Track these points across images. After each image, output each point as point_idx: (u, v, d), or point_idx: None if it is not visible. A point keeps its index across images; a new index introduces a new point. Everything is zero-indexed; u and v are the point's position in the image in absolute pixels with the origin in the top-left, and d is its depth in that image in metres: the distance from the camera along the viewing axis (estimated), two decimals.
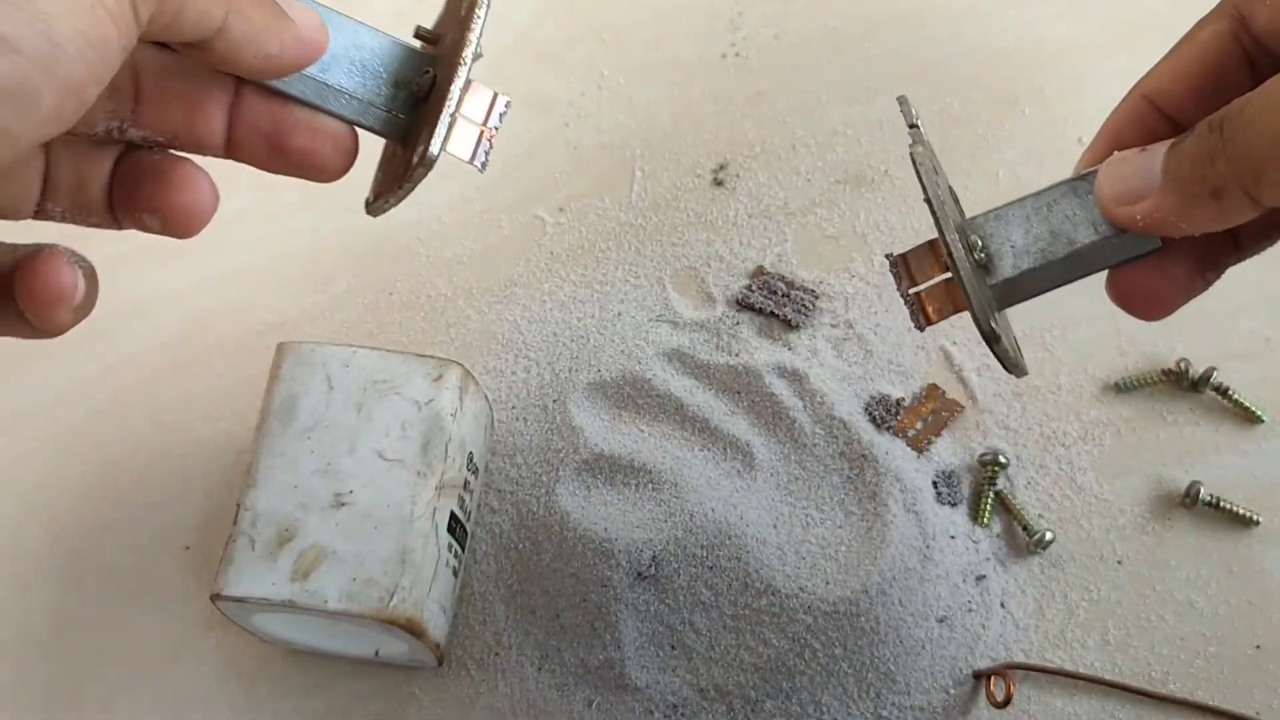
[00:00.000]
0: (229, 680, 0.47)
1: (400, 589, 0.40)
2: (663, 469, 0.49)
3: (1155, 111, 0.33)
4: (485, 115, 0.34)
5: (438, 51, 0.35)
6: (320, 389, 0.42)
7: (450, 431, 0.41)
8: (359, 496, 0.40)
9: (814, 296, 0.52)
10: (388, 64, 0.34)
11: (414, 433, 0.41)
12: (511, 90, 0.38)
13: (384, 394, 0.41)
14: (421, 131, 0.33)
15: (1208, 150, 0.28)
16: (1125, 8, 0.56)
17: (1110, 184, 0.31)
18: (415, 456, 0.41)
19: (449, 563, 0.42)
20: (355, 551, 0.40)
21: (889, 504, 0.48)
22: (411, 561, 0.40)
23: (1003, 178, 0.54)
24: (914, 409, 0.50)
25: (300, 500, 0.40)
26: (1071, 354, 0.51)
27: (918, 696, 0.46)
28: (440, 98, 0.33)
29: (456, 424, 0.42)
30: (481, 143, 0.34)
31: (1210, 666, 0.47)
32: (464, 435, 0.42)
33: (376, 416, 0.41)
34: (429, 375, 0.42)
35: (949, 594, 0.47)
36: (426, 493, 0.41)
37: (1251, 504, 0.48)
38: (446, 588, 0.42)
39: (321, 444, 0.41)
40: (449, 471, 0.41)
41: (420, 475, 0.41)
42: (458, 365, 0.43)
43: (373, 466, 0.41)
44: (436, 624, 0.42)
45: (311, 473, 0.41)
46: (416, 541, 0.40)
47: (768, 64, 0.56)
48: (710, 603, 0.47)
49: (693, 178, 0.54)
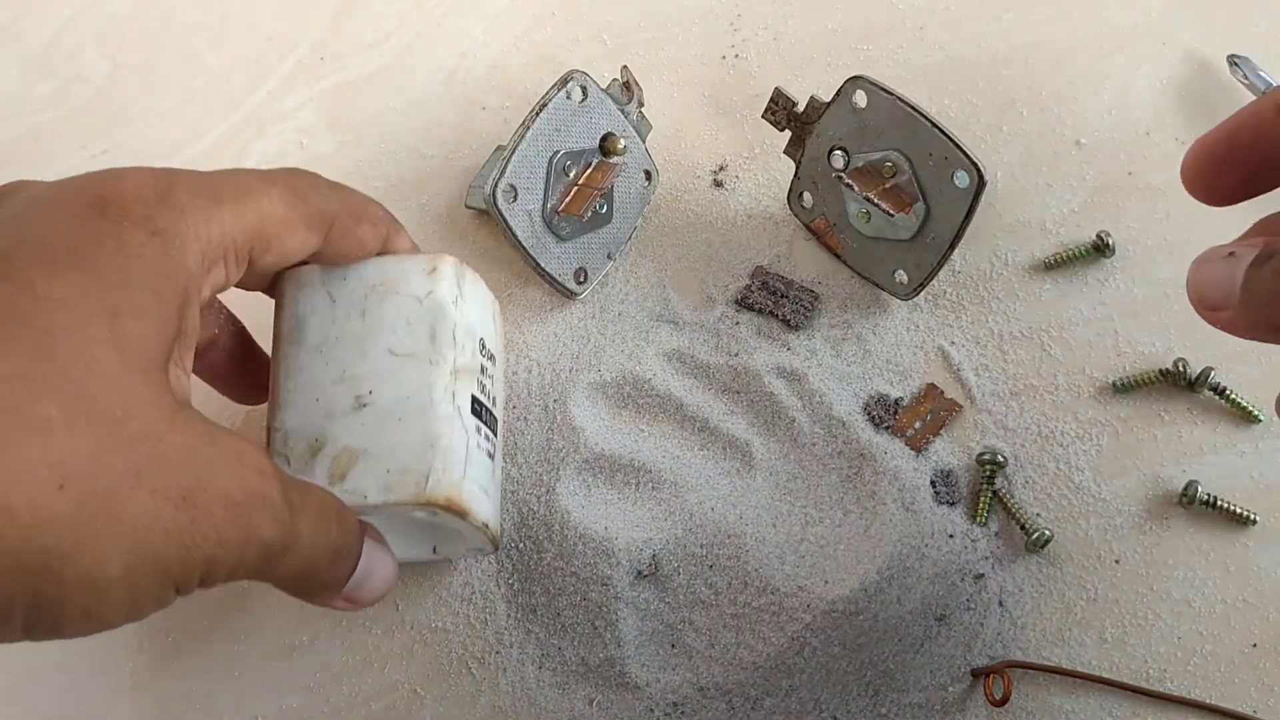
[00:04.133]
0: (230, 679, 0.47)
1: (435, 471, 0.40)
2: (662, 468, 0.49)
3: (1279, 122, 0.32)
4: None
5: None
6: (324, 305, 0.42)
7: (454, 318, 0.42)
8: (378, 395, 0.40)
9: (813, 297, 0.52)
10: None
11: (420, 325, 0.41)
12: (512, 92, 0.38)
13: (384, 296, 0.42)
14: None
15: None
16: (1122, 10, 0.56)
17: (1195, 288, 0.31)
18: (425, 347, 0.41)
19: (480, 445, 0.42)
20: (384, 446, 0.40)
21: (887, 503, 0.48)
22: (440, 445, 0.40)
23: (1001, 179, 0.54)
24: (912, 408, 0.50)
25: (324, 410, 0.41)
26: (1069, 354, 0.51)
27: (916, 694, 0.46)
28: None
29: (460, 310, 0.42)
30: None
31: (1207, 665, 0.47)
32: (470, 321, 0.43)
33: (381, 318, 0.42)
34: (424, 270, 0.42)
35: (947, 592, 0.47)
36: (443, 378, 0.41)
37: (1248, 503, 0.48)
38: (484, 470, 0.42)
39: (334, 355, 0.41)
40: (461, 357, 0.41)
41: (433, 364, 0.41)
42: (449, 256, 0.43)
43: (386, 364, 0.41)
44: (480, 504, 0.42)
45: (330, 383, 0.41)
46: (441, 426, 0.40)
47: (767, 66, 0.56)
48: (710, 601, 0.47)
49: (692, 178, 0.55)
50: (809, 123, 0.50)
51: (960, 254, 0.52)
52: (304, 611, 0.48)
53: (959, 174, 0.46)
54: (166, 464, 0.30)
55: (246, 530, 0.32)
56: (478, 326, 0.43)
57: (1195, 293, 0.31)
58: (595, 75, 0.49)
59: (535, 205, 0.49)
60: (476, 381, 0.42)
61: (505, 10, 0.58)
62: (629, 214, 0.52)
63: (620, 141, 0.49)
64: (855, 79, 0.48)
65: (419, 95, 0.56)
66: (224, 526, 0.31)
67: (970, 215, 0.47)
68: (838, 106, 0.48)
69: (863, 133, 0.48)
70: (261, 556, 0.33)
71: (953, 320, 0.52)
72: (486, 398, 0.43)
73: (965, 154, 0.46)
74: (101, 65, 0.57)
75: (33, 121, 0.56)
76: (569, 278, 0.51)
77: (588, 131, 0.49)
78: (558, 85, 0.48)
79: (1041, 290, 0.52)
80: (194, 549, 0.31)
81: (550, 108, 0.48)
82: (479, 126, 0.55)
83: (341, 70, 0.57)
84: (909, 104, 0.46)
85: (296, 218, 0.37)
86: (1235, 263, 0.30)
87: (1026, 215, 0.53)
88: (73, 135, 0.55)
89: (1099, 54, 0.56)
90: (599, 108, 0.49)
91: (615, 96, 0.50)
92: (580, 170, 0.50)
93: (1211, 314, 0.31)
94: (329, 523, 0.36)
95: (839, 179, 0.49)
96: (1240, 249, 0.30)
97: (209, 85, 0.56)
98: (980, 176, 0.46)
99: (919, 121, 0.46)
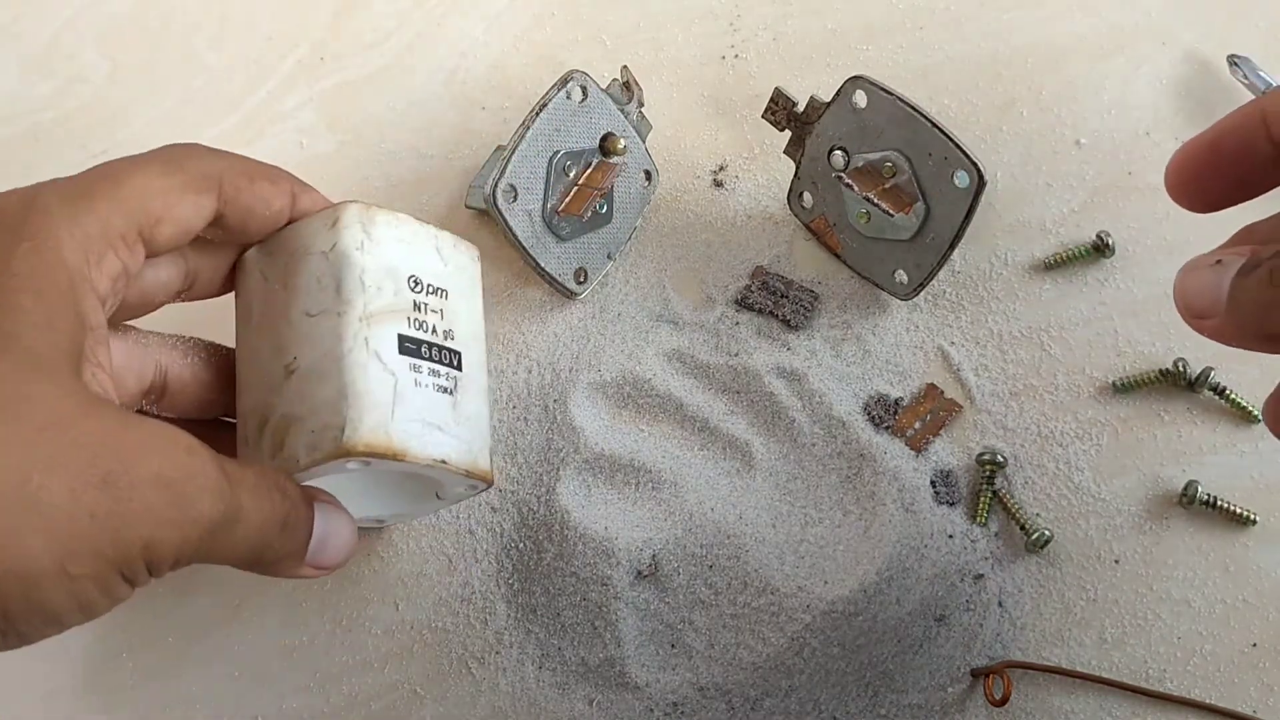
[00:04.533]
0: (230, 680, 0.47)
1: (349, 421, 0.39)
2: (662, 469, 0.50)
3: (1265, 132, 0.32)
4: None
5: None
6: (259, 285, 0.42)
7: (361, 263, 0.41)
8: (301, 359, 0.41)
9: (813, 297, 0.52)
10: None
11: (328, 280, 0.41)
12: (512, 92, 0.38)
13: (299, 260, 0.42)
14: None
15: (1267, 301, 0.29)
16: (1122, 10, 0.56)
17: (1182, 296, 0.31)
18: (332, 300, 0.41)
19: (421, 382, 0.41)
20: (309, 408, 0.40)
21: (887, 503, 0.48)
22: (352, 393, 0.39)
23: (1001, 180, 0.54)
24: (912, 409, 0.50)
25: (266, 386, 0.41)
26: (1069, 354, 0.51)
27: (915, 695, 0.46)
28: None
29: (369, 254, 0.42)
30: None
31: (1206, 665, 0.47)
32: (383, 262, 0.42)
33: (298, 283, 0.42)
34: (327, 224, 0.42)
35: (947, 593, 0.47)
36: (350, 326, 0.40)
37: (1248, 503, 0.48)
38: (428, 405, 0.41)
39: (268, 329, 0.42)
40: (374, 301, 0.41)
41: (340, 315, 0.41)
42: (353, 203, 0.43)
43: (304, 327, 0.41)
44: (423, 443, 0.41)
45: (268, 358, 0.41)
46: (354, 374, 0.40)
47: (766, 66, 0.56)
48: (710, 601, 0.47)
49: (692, 178, 0.55)
50: (809, 123, 0.50)
51: (960, 254, 0.52)
52: (304, 611, 0.48)
53: (959, 174, 0.46)
54: (81, 449, 0.30)
55: (184, 508, 0.32)
56: (401, 265, 0.42)
57: (1182, 301, 0.31)
58: (595, 75, 0.49)
59: (535, 205, 0.49)
60: (407, 320, 0.41)
61: (505, 10, 0.58)
62: (629, 214, 0.52)
63: (620, 141, 0.49)
64: (855, 79, 0.48)
65: (419, 95, 0.56)
66: (159, 507, 0.31)
67: (970, 215, 0.47)
68: (838, 106, 0.48)
69: (863, 133, 0.48)
70: (206, 533, 0.33)
71: (953, 320, 0.52)
72: (428, 332, 0.42)
73: (965, 154, 0.46)
74: (101, 65, 0.57)
75: (33, 121, 0.56)
76: (569, 278, 0.51)
77: (588, 131, 0.49)
78: (558, 85, 0.48)
79: (1041, 290, 0.52)
80: (127, 531, 0.30)
81: (550, 108, 0.48)
82: (479, 126, 0.55)
83: (341, 70, 0.57)
84: (909, 104, 0.46)
85: (176, 184, 0.37)
86: (1222, 271, 0.30)
87: (1026, 215, 0.53)
88: (72, 135, 0.55)
89: (1099, 54, 0.56)
90: (599, 108, 0.49)
91: (615, 96, 0.50)
92: (580, 170, 0.50)
93: (1199, 322, 0.31)
94: (270, 491, 0.36)
95: (839, 179, 0.49)
96: (1227, 257, 0.30)
97: (209, 85, 0.56)
98: (980, 176, 0.46)
99: (919, 121, 0.46)
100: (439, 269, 0.44)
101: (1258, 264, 0.29)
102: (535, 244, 0.49)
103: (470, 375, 0.43)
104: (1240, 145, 0.32)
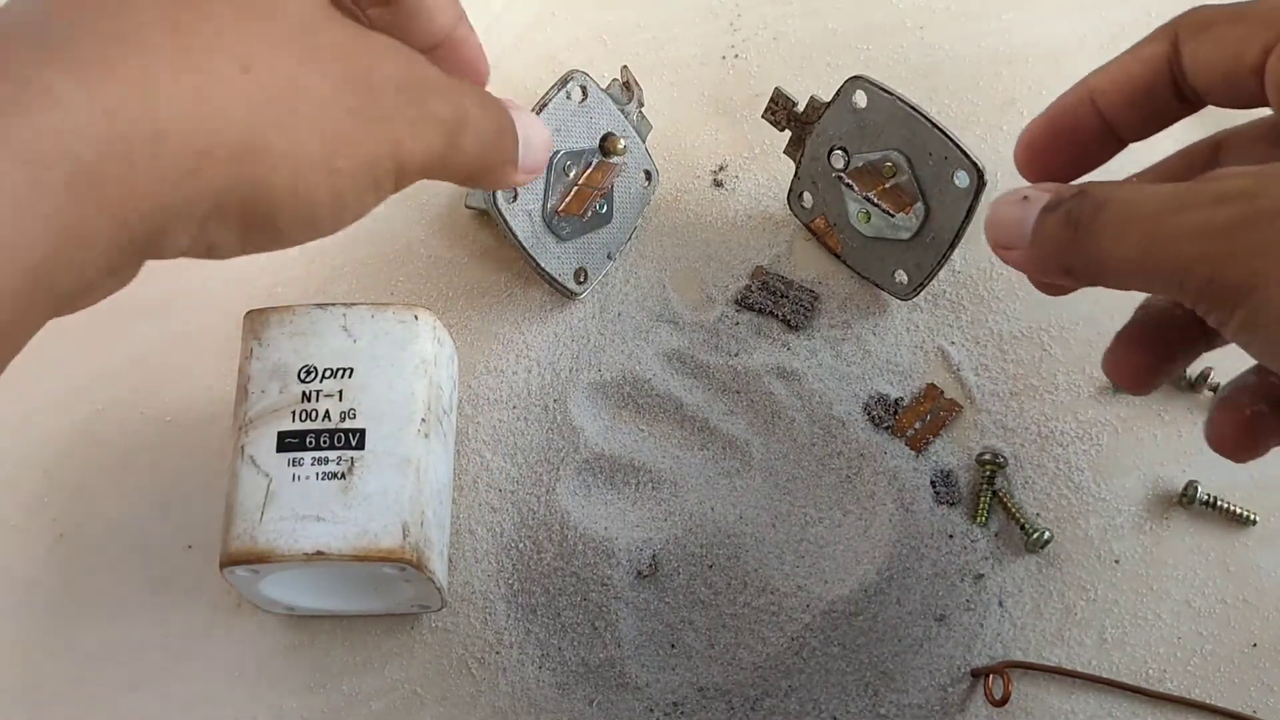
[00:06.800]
0: (230, 680, 0.47)
1: (231, 532, 0.42)
2: (662, 469, 0.50)
3: (1094, 109, 0.35)
4: None
5: None
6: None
7: (249, 371, 0.44)
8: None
9: (813, 297, 0.52)
10: None
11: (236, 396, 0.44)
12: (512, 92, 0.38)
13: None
14: None
15: (1066, 239, 0.31)
16: (1121, 9, 0.56)
17: (990, 226, 0.33)
18: (233, 415, 0.44)
19: (298, 476, 0.42)
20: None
21: (887, 503, 0.48)
22: (229, 505, 0.42)
23: (1001, 179, 0.54)
24: (912, 409, 0.50)
25: None
26: (1069, 354, 0.51)
27: (915, 695, 0.46)
28: None
29: (255, 360, 0.44)
30: None
31: (1207, 665, 0.47)
32: (270, 364, 0.44)
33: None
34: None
35: (947, 593, 0.47)
36: (234, 438, 0.43)
37: (1248, 503, 0.48)
38: (306, 497, 0.42)
39: None
40: (255, 405, 0.43)
41: (230, 430, 0.44)
42: (251, 311, 0.45)
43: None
44: (297, 536, 0.41)
45: None
46: (232, 485, 0.42)
47: (767, 66, 0.56)
48: (709, 601, 0.47)
49: (692, 178, 0.55)
50: (809, 123, 0.50)
51: (960, 254, 0.52)
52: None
53: (959, 174, 0.46)
54: (331, 50, 0.31)
55: (422, 108, 0.32)
56: (292, 360, 0.44)
57: (990, 232, 0.33)
58: (595, 75, 0.49)
59: (535, 205, 0.49)
60: (292, 414, 0.43)
61: (505, 10, 0.58)
62: (629, 214, 0.52)
63: (620, 141, 0.49)
64: (855, 79, 0.48)
65: None
66: (402, 106, 0.32)
67: (970, 215, 0.47)
68: (838, 106, 0.48)
69: (863, 133, 0.48)
70: (443, 136, 0.33)
71: (952, 320, 0.52)
72: (317, 420, 0.43)
73: (965, 154, 0.46)
74: None
75: None
76: (569, 278, 0.51)
77: (588, 131, 0.49)
78: (558, 85, 0.48)
79: None
80: (380, 129, 0.31)
81: (550, 108, 0.48)
82: None
83: None
84: (909, 104, 0.46)
85: None
86: (1028, 206, 0.32)
87: None
88: None
89: (1099, 54, 0.55)
90: (599, 108, 0.49)
91: (615, 96, 0.50)
92: (580, 170, 0.50)
93: (1005, 253, 0.33)
94: (486, 98, 0.36)
95: (839, 179, 0.50)
96: (1033, 193, 0.32)
97: None
98: (980, 176, 0.46)
99: (919, 121, 0.46)
100: (345, 348, 0.44)
101: (1059, 202, 0.31)
102: (535, 244, 0.49)
103: (378, 450, 0.43)
104: (1073, 123, 0.35)
